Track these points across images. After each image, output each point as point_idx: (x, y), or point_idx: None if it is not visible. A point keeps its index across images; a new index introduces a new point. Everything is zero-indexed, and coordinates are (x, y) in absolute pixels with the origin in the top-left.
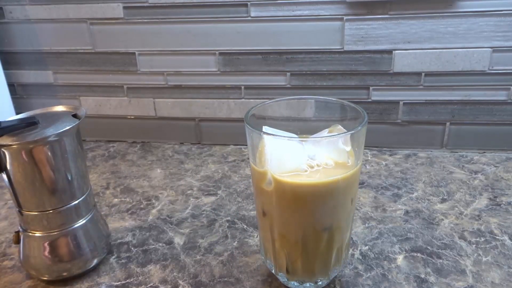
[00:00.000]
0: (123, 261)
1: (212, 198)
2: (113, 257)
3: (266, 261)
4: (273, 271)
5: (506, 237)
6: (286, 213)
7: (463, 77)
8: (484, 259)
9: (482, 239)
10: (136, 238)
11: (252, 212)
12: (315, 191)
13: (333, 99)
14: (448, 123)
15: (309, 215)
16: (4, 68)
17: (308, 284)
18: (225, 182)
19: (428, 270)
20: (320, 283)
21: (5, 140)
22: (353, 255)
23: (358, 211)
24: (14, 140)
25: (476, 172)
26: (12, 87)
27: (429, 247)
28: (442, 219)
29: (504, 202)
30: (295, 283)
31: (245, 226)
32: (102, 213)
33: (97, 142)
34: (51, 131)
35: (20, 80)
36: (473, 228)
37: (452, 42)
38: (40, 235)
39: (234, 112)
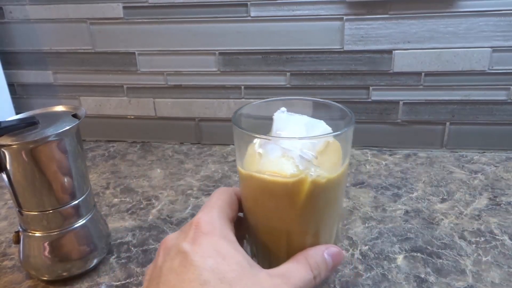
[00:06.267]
0: (123, 261)
1: None
2: (113, 257)
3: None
4: None
5: (506, 237)
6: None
7: (463, 77)
8: (484, 259)
9: (482, 239)
10: (136, 238)
11: None
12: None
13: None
14: (448, 123)
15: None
16: (4, 68)
17: None
18: (225, 182)
19: (428, 270)
20: None
21: (5, 140)
22: (353, 255)
23: (358, 211)
24: (14, 140)
25: (476, 172)
26: (12, 87)
27: (429, 247)
28: (442, 219)
29: (504, 202)
30: None
31: None
32: (102, 213)
33: (97, 142)
34: (51, 131)
35: (20, 80)
36: (473, 228)
37: (452, 42)
38: (40, 235)
39: None
